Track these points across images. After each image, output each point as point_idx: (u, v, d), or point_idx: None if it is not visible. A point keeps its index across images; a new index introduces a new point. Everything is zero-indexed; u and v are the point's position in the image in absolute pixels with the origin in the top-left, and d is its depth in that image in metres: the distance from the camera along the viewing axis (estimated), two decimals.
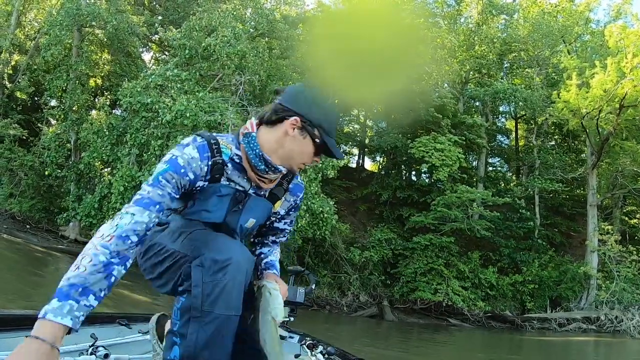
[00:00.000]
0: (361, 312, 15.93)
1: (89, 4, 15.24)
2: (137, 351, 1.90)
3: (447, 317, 16.73)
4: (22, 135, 16.28)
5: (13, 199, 15.91)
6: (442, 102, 17.89)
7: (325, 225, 12.92)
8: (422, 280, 16.20)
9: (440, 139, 16.80)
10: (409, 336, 14.33)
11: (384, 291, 16.68)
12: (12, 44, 17.33)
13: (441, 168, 16.22)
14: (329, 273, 15.95)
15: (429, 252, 16.67)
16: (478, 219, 17.21)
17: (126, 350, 1.83)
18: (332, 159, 2.00)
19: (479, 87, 21.39)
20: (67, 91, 15.50)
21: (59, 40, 14.77)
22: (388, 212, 19.02)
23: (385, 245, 16.77)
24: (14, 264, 11.45)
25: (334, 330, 13.35)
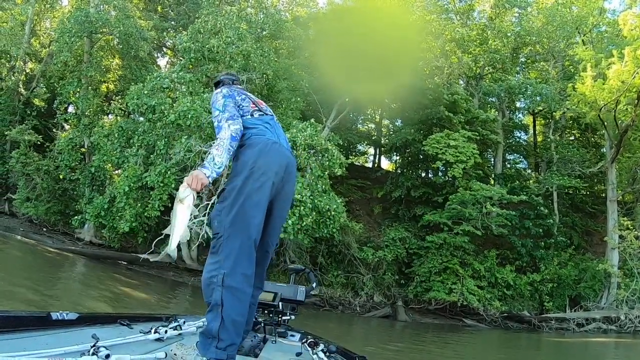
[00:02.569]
0: (374, 312, 15.70)
1: (98, 11, 15.57)
2: (139, 351, 1.89)
3: (463, 317, 16.38)
4: (37, 140, 16.71)
5: (29, 203, 16.34)
6: (453, 99, 17.58)
7: (333, 224, 12.78)
8: (437, 280, 15.87)
9: (453, 135, 16.50)
10: (423, 337, 14.04)
11: (398, 291, 16.41)
12: (27, 52, 17.84)
13: (455, 165, 15.91)
14: (342, 273, 15.78)
15: (443, 251, 16.32)
16: (495, 217, 16.81)
17: (128, 351, 1.81)
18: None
19: (493, 82, 20.97)
20: (79, 96, 15.86)
21: (69, 47, 15.12)
22: (403, 211, 18.75)
23: (400, 244, 16.48)
24: (25, 264, 11.71)
25: (347, 331, 13.21)
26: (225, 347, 1.92)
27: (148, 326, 2.22)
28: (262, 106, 2.44)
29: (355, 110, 20.78)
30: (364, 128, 24.56)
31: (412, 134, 18.55)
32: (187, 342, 2.16)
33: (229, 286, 1.94)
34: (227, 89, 2.36)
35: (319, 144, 12.42)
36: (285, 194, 2.29)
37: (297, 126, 12.70)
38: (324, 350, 2.48)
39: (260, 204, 2.09)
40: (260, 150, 2.15)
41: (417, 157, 20.00)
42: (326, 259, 15.68)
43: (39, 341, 1.62)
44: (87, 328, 1.95)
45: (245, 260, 2.03)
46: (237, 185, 2.09)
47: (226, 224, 2.04)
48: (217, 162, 2.05)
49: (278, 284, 3.13)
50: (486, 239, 17.93)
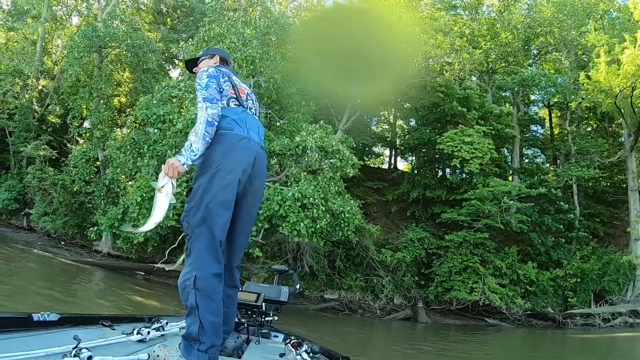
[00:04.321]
0: (395, 315, 15.43)
1: (106, 26, 15.78)
2: (121, 353, 1.85)
3: (485, 317, 16.06)
4: (52, 155, 16.98)
5: (47, 217, 16.60)
6: (466, 94, 17.32)
7: (348, 226, 12.61)
8: (458, 280, 15.61)
9: (468, 131, 16.24)
10: (446, 338, 13.78)
11: (418, 292, 16.15)
12: (40, 70, 18.20)
13: (472, 161, 15.64)
14: (360, 276, 15.59)
15: (463, 250, 16.05)
16: (515, 213, 16.46)
17: (110, 352, 1.78)
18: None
19: (506, 76, 20.65)
20: (91, 110, 16.07)
21: (79, 62, 15.35)
22: (420, 211, 18.59)
23: (418, 244, 16.26)
24: (42, 275, 11.83)
25: (367, 336, 13.01)
26: (206, 349, 1.92)
27: (130, 327, 2.20)
28: (242, 95, 2.35)
29: (367, 112, 20.70)
30: (378, 130, 24.41)
31: (426, 133, 18.35)
32: (170, 343, 2.15)
33: (201, 288, 1.95)
34: (214, 69, 2.29)
35: (329, 145, 12.28)
36: (254, 190, 2.26)
37: (307, 129, 12.58)
38: (307, 351, 2.46)
39: (227, 203, 2.07)
40: (227, 148, 2.11)
41: (432, 157, 19.86)
42: (344, 263, 15.52)
43: (20, 342, 1.61)
44: (68, 329, 1.93)
45: (213, 261, 2.01)
46: (202, 184, 2.07)
47: (193, 225, 2.04)
48: (193, 149, 2.04)
49: (261, 284, 3.12)
50: (506, 236, 17.69)
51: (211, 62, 2.50)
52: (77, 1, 19.68)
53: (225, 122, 2.17)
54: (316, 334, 11.49)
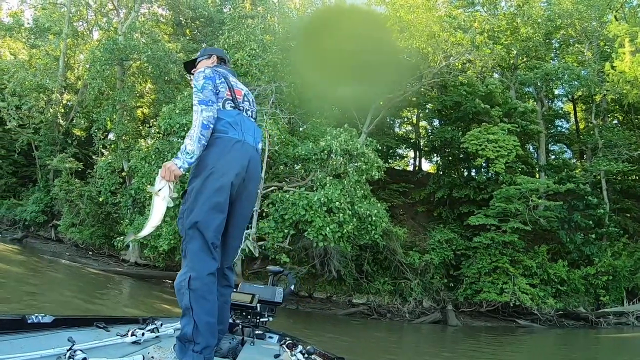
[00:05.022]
0: (424, 318, 15.16)
1: (126, 38, 15.99)
2: (116, 354, 1.86)
3: (516, 318, 15.73)
4: (78, 167, 17.30)
5: (74, 228, 16.91)
6: (489, 90, 17.01)
7: (375, 229, 12.45)
8: (487, 281, 15.29)
9: (492, 129, 15.91)
10: (476, 341, 13.49)
11: (447, 295, 15.84)
12: (63, 85, 18.57)
13: (497, 160, 15.33)
14: (389, 280, 15.38)
15: (492, 250, 15.71)
16: (543, 210, 16.04)
17: (104, 354, 1.79)
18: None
19: (528, 71, 20.27)
20: (115, 122, 16.30)
21: (101, 75, 15.59)
22: (447, 212, 18.32)
23: (446, 246, 15.99)
24: (69, 284, 11.98)
25: (397, 340, 12.82)
26: (201, 349, 1.93)
27: (125, 329, 2.20)
28: (238, 96, 2.33)
29: (390, 114, 20.55)
30: (401, 132, 24.22)
31: (450, 132, 18.07)
32: (165, 344, 2.15)
33: (195, 289, 1.96)
34: (210, 70, 2.28)
35: (354, 148, 12.16)
36: (248, 193, 2.28)
37: (331, 132, 12.49)
38: (302, 352, 2.47)
39: (220, 206, 2.09)
40: (221, 151, 2.13)
41: (457, 156, 19.60)
42: (372, 266, 15.33)
43: (14, 345, 1.60)
44: (63, 331, 1.93)
45: (207, 262, 2.03)
46: (196, 186, 2.09)
47: (187, 227, 2.06)
48: (188, 152, 2.05)
49: (256, 285, 3.11)
50: (535, 235, 17.34)
51: (208, 63, 2.51)
52: (97, 16, 20.08)
53: (220, 125, 2.17)
54: (345, 339, 11.35)
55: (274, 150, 12.40)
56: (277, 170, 13.51)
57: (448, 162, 20.70)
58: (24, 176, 21.77)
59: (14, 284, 10.22)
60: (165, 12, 19.39)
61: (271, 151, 12.25)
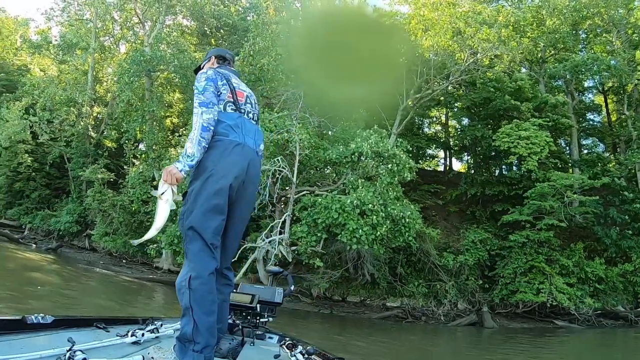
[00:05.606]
0: (460, 320, 14.85)
1: (153, 50, 16.27)
2: (116, 355, 1.86)
3: (553, 318, 15.36)
4: (110, 178, 17.68)
5: (107, 237, 17.26)
6: (518, 85, 16.62)
7: (409, 231, 12.25)
8: (523, 281, 14.94)
9: (523, 125, 15.53)
10: (513, 343, 13.14)
11: (482, 296, 15.51)
12: (92, 98, 19.03)
13: (529, 157, 14.95)
14: (423, 282, 15.12)
15: (527, 249, 15.36)
16: (578, 206, 15.55)
17: (104, 354, 1.79)
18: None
19: (557, 63, 19.75)
20: (145, 132, 16.59)
21: (130, 86, 15.89)
22: (480, 211, 17.98)
23: (480, 246, 15.65)
24: (102, 292, 12.19)
25: (432, 343, 12.57)
26: (201, 349, 1.93)
27: (125, 329, 2.20)
28: (240, 98, 2.32)
29: (419, 114, 20.33)
30: (431, 132, 23.94)
31: (480, 130, 17.73)
32: (165, 345, 2.15)
33: (195, 289, 1.98)
34: (212, 72, 2.28)
35: (385, 150, 12.01)
36: (247, 195, 2.30)
37: (361, 134, 12.38)
38: (302, 352, 2.48)
39: (218, 208, 2.10)
40: (221, 154, 2.14)
41: (488, 155, 19.23)
42: (405, 269, 15.11)
43: (14, 345, 1.60)
44: (63, 332, 1.94)
45: (206, 262, 2.04)
46: (195, 188, 2.11)
47: (186, 227, 2.08)
48: (189, 155, 2.07)
49: (256, 285, 3.10)
50: (571, 232, 16.85)
51: (209, 65, 2.52)
52: (123, 30, 20.54)
53: (220, 128, 2.18)
54: (379, 344, 11.20)
55: (305, 155, 12.36)
56: (308, 174, 13.47)
57: (479, 161, 20.30)
58: (57, 188, 22.47)
59: (50, 293, 10.47)
60: (189, 22, 19.74)
61: (302, 155, 12.21)
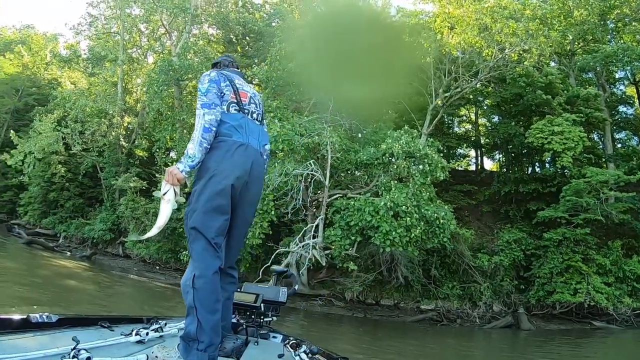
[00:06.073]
0: (495, 323, 14.53)
1: (180, 59, 16.56)
2: (120, 354, 1.86)
3: (591, 319, 14.83)
4: (142, 186, 18.02)
5: (141, 244, 17.57)
6: (548, 80, 16.24)
7: (443, 232, 12.10)
8: (559, 281, 14.52)
9: (556, 120, 15.15)
10: (551, 346, 12.79)
11: (518, 298, 15.16)
12: (123, 109, 19.50)
13: (564, 153, 14.57)
14: (457, 284, 14.86)
15: (563, 248, 14.93)
16: (614, 203, 15.06)
17: (108, 353, 1.79)
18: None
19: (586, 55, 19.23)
20: (175, 140, 16.88)
21: (159, 96, 16.19)
22: (514, 210, 17.57)
23: (515, 246, 15.30)
24: (135, 297, 12.39)
25: (467, 346, 12.32)
26: (205, 348, 1.94)
27: (129, 328, 2.20)
28: (244, 99, 2.34)
29: (448, 113, 20.10)
30: (461, 131, 23.64)
31: (512, 127, 17.39)
32: (169, 344, 2.15)
33: (199, 288, 1.99)
34: (216, 73, 2.31)
35: (416, 150, 11.90)
36: (250, 196, 2.31)
37: (392, 135, 12.30)
38: (306, 352, 2.49)
39: (221, 208, 2.12)
40: (224, 154, 2.16)
41: (520, 152, 18.86)
42: (439, 271, 14.87)
43: (18, 344, 1.61)
44: (67, 330, 1.94)
45: (210, 261, 2.05)
46: (198, 188, 2.14)
47: (190, 227, 2.10)
48: (190, 155, 2.11)
49: (260, 285, 3.09)
50: (607, 229, 16.28)
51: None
52: (150, 41, 21.02)
53: (224, 129, 2.20)
54: (413, 347, 11.05)
55: (335, 158, 12.35)
56: (339, 177, 13.46)
57: (511, 159, 19.89)
58: (90, 197, 23.06)
59: (86, 299, 10.75)
60: (215, 31, 20.06)
61: (333, 159, 12.20)
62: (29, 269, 14.03)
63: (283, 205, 12.70)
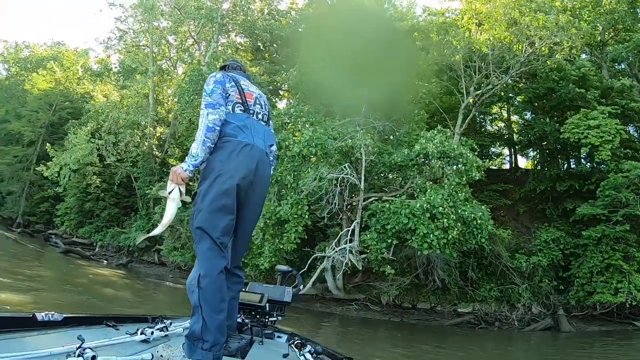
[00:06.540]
0: (534, 325, 14.19)
1: (210, 68, 16.90)
2: (125, 353, 1.87)
3: (633, 320, 14.33)
4: None
5: (176, 252, 17.92)
6: (582, 73, 15.84)
7: (481, 232, 11.92)
8: (600, 280, 14.01)
9: (592, 114, 14.74)
10: (592, 348, 12.39)
11: (557, 299, 14.73)
12: (155, 119, 20.00)
13: (601, 147, 14.15)
14: (495, 286, 14.56)
15: (603, 247, 14.43)
16: None
17: (113, 352, 1.80)
18: None
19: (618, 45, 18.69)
20: None
21: (190, 105, 16.53)
22: (551, 209, 17.12)
23: (553, 246, 14.88)
24: (171, 304, 12.58)
25: (505, 351, 12.03)
26: (210, 347, 1.94)
27: (134, 327, 2.21)
28: (249, 100, 2.35)
29: (480, 111, 19.83)
30: (493, 129, 23.29)
31: (549, 125, 17.03)
32: (174, 343, 2.16)
33: (204, 287, 1.99)
34: (221, 74, 2.33)
35: (451, 150, 11.79)
36: (256, 196, 2.31)
37: (426, 135, 12.23)
38: (310, 352, 2.48)
39: (226, 208, 2.12)
40: (229, 154, 2.16)
41: (555, 148, 18.37)
42: (476, 273, 14.61)
43: (24, 342, 1.62)
44: (72, 329, 1.95)
45: (216, 261, 2.05)
46: (203, 188, 2.15)
47: (195, 227, 2.11)
48: (193, 155, 2.13)
49: (265, 285, 3.12)
50: None
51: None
52: (179, 53, 21.55)
53: (229, 129, 2.20)
54: (450, 352, 10.88)
55: (370, 161, 12.35)
56: (373, 180, 13.45)
57: (546, 156, 19.44)
58: (125, 206, 23.66)
59: (123, 305, 11.00)
60: (243, 39, 20.40)
61: (367, 161, 12.21)
62: (67, 277, 14.33)
63: (318, 210, 12.75)
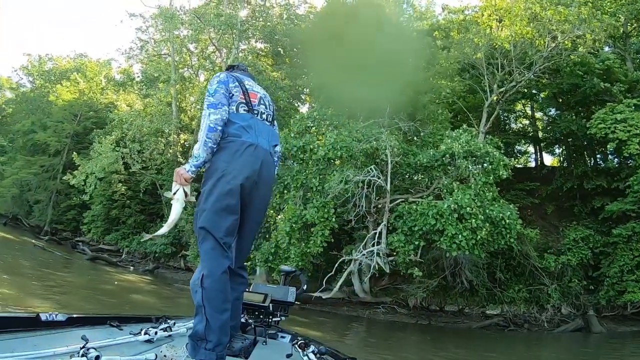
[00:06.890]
0: (565, 326, 13.92)
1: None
2: (129, 353, 1.87)
3: None
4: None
5: None
6: (606, 66, 15.54)
7: (509, 232, 11.78)
8: (631, 279, 13.69)
9: (618, 107, 14.46)
10: (624, 349, 12.13)
11: (587, 299, 14.45)
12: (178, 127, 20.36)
13: (629, 140, 13.85)
14: (523, 287, 14.36)
15: (633, 244, 14.12)
16: None
17: (118, 352, 1.81)
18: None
19: None
20: None
21: None
22: (579, 207, 16.87)
23: (583, 245, 14.61)
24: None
25: (538, 353, 11.84)
26: (213, 347, 1.94)
27: (138, 327, 2.22)
28: (253, 100, 2.34)
29: (504, 109, 19.62)
30: (517, 126, 23.02)
31: (572, 120, 16.75)
32: (177, 343, 2.17)
33: (207, 287, 1.99)
34: (225, 75, 2.32)
35: (477, 149, 11.71)
36: (260, 196, 2.30)
37: (451, 135, 12.18)
38: (314, 352, 2.50)
39: (230, 208, 2.12)
40: (232, 154, 2.16)
41: (581, 144, 18.11)
42: (504, 274, 14.42)
43: (27, 343, 1.62)
44: (76, 329, 1.95)
45: (219, 261, 2.05)
46: (207, 189, 2.15)
47: (199, 227, 2.11)
48: (195, 155, 2.15)
49: (269, 285, 3.11)
50: None
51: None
52: (200, 60, 21.94)
53: (233, 129, 2.20)
54: (479, 355, 10.74)
55: (395, 162, 12.35)
56: (399, 181, 13.44)
57: (572, 152, 19.12)
58: (151, 213, 24.14)
59: (149, 311, 11.20)
60: (263, 45, 20.66)
61: (393, 163, 12.21)
62: (94, 283, 14.59)
63: (344, 213, 12.78)
